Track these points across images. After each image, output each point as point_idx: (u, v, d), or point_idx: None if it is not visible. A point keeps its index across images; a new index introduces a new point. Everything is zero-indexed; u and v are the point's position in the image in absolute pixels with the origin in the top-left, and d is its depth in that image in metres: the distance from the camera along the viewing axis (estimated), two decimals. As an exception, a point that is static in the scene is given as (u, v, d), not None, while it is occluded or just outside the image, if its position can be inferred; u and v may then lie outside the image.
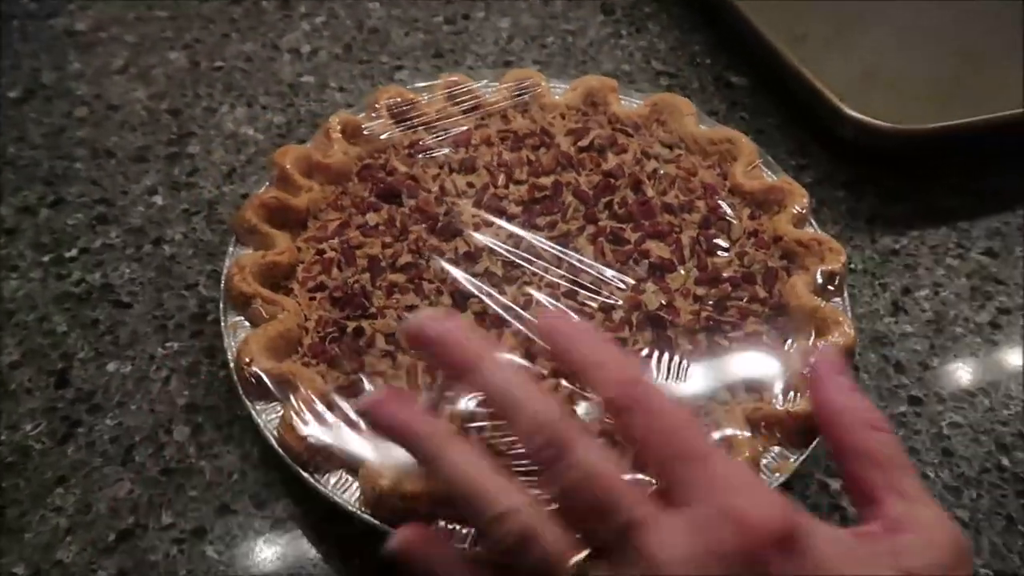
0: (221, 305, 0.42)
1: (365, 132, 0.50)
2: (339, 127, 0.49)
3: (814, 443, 0.38)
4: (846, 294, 0.44)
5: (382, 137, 0.50)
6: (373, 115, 0.51)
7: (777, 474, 0.38)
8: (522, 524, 0.28)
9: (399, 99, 0.52)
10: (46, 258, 0.48)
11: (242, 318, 0.42)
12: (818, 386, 0.33)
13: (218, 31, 0.64)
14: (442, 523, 0.34)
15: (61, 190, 0.52)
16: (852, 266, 0.50)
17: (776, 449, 0.39)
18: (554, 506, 0.29)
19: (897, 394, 0.44)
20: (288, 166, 0.46)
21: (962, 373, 0.46)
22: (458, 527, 0.34)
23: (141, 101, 0.58)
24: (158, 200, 0.52)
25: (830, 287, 0.44)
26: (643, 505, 0.27)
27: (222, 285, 0.42)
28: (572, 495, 0.28)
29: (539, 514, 0.28)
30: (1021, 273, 0.50)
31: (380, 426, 0.33)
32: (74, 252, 0.49)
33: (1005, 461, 0.42)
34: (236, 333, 0.41)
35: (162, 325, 0.45)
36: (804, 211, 0.47)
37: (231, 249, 0.45)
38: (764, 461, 0.38)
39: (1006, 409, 0.44)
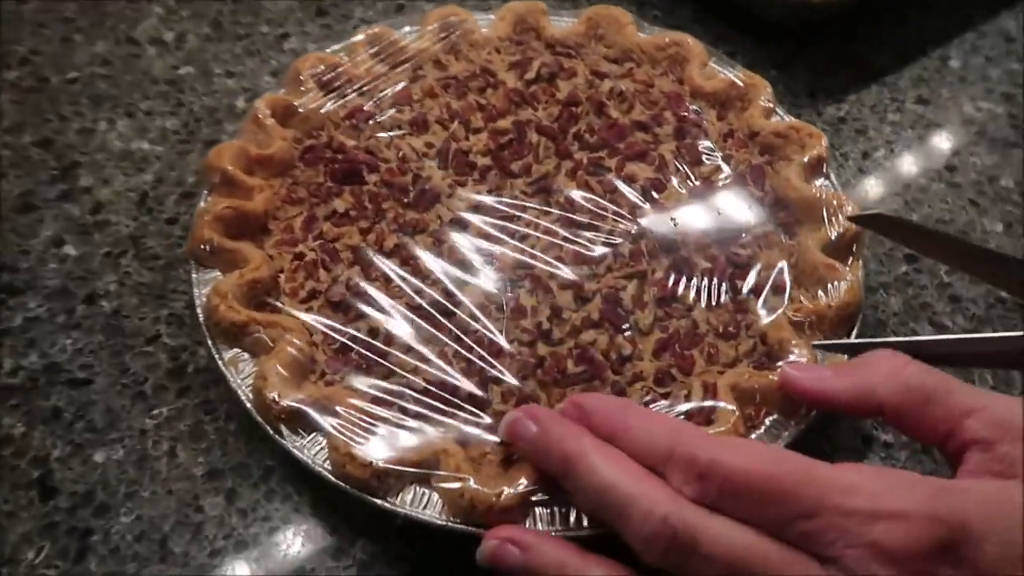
0: (211, 344, 0.36)
1: (300, 110, 0.44)
2: (268, 111, 0.43)
3: (855, 328, 0.39)
4: (832, 174, 0.44)
5: (321, 112, 0.45)
6: (302, 89, 0.45)
7: None
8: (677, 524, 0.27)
9: (322, 66, 0.46)
10: (-41, 354, 0.40)
11: (238, 351, 0.37)
12: (814, 390, 0.32)
13: (55, 35, 0.54)
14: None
15: (-58, 269, 0.43)
16: (811, 143, 0.51)
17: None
18: None
19: (894, 256, 0.46)
20: (230, 168, 0.41)
21: (939, 224, 0.48)
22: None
23: (-3, 139, 0.49)
24: (70, 251, 0.44)
25: (817, 172, 0.44)
26: (795, 566, 0.26)
27: (203, 321, 0.37)
28: None
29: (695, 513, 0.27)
30: (955, 114, 0.53)
31: (522, 446, 0.31)
32: (-8, 338, 0.41)
33: (1003, 294, 0.45)
34: (240, 369, 0.36)
35: (138, 393, 0.39)
36: (771, 103, 0.46)
37: (194, 276, 0.39)
38: (820, 356, 0.38)
39: (987, 245, 0.47)
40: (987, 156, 0.51)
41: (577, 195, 0.43)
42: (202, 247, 0.39)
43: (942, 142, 0.52)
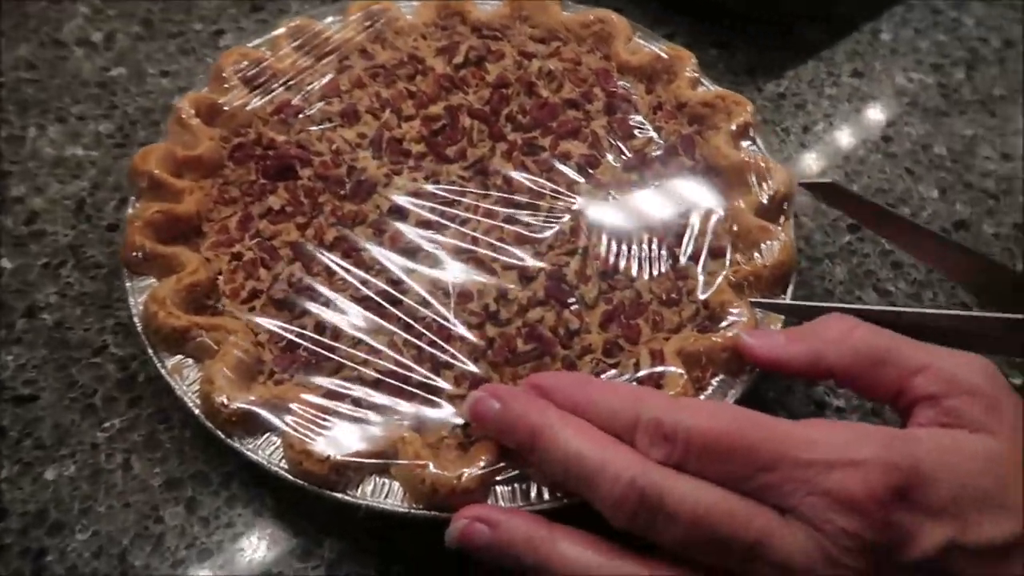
0: (152, 352, 0.35)
1: (226, 108, 0.43)
2: (192, 110, 0.42)
3: (790, 286, 0.39)
4: (759, 141, 0.44)
5: (247, 109, 0.44)
6: (226, 87, 0.44)
7: (773, 326, 0.38)
8: (646, 484, 0.27)
9: (245, 62, 0.45)
10: None
11: (181, 357, 0.36)
12: (769, 357, 0.33)
13: (-26, 40, 0.52)
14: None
15: None
16: (752, 119, 0.51)
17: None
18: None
19: (838, 227, 0.47)
20: (157, 171, 0.39)
21: (878, 193, 0.49)
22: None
23: (-82, 151, 0.46)
24: (5, 264, 0.42)
25: (744, 139, 0.44)
26: (756, 518, 0.26)
27: (142, 330, 0.36)
28: (687, 544, 0.27)
29: (661, 474, 0.27)
30: (888, 86, 0.55)
31: (486, 424, 0.31)
32: (-73, 358, 0.39)
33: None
34: (185, 376, 0.35)
35: (88, 406, 0.38)
36: (697, 73, 0.47)
37: (129, 284, 0.38)
38: (759, 315, 0.39)
39: (924, 211, 0.48)
40: (920, 125, 0.52)
41: (514, 176, 0.43)
42: (134, 254, 0.38)
43: (877, 113, 0.53)
